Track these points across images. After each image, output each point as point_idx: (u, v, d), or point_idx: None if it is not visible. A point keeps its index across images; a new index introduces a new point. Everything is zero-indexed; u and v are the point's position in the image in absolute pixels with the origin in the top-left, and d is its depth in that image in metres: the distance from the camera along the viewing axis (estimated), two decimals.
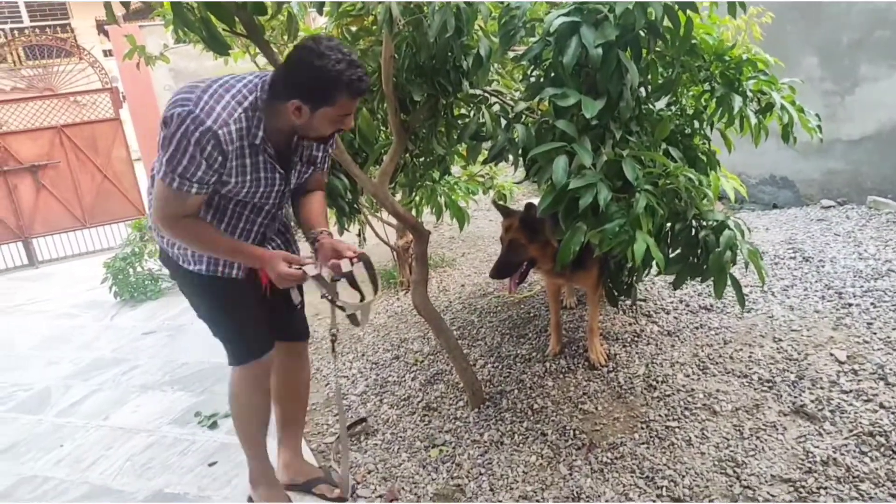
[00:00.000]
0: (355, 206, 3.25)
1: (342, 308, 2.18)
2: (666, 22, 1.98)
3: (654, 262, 2.01)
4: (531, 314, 3.58)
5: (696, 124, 2.54)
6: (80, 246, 7.73)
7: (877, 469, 2.06)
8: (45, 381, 3.90)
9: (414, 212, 3.57)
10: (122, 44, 6.71)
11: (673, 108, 2.57)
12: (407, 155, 2.91)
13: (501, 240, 2.80)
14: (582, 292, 3.47)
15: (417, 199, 3.55)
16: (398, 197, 3.55)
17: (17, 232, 7.41)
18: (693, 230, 2.20)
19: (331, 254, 2.09)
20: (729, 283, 2.15)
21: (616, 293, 2.89)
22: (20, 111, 7.48)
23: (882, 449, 2.14)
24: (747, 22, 3.22)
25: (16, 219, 7.37)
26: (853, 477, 2.06)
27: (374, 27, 2.46)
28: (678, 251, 2.27)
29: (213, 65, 7.89)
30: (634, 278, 2.83)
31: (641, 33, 2.00)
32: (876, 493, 1.98)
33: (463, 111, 2.78)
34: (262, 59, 3.62)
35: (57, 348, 4.51)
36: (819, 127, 2.56)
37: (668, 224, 2.23)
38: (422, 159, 3.01)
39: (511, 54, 2.52)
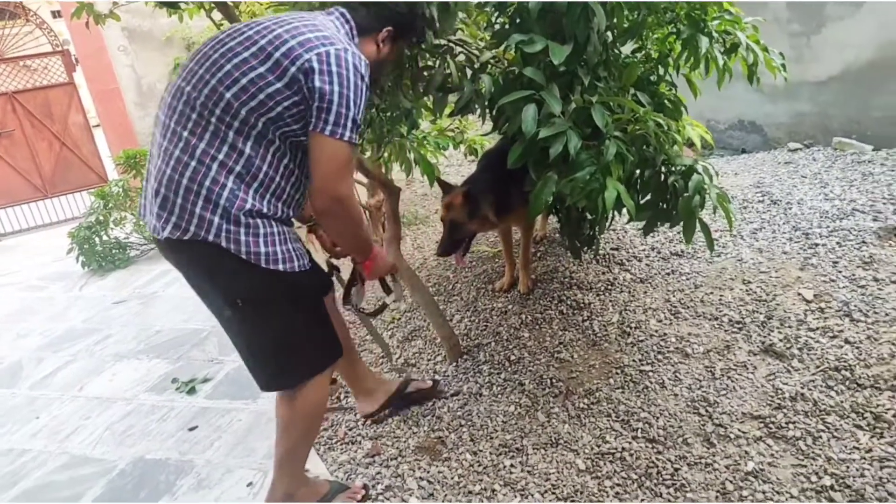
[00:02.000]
0: None
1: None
2: None
3: (623, 210, 2.00)
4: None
5: (662, 70, 2.51)
6: (43, 217, 7.52)
7: (842, 402, 2.14)
8: (15, 354, 3.83)
9: (383, 169, 3.51)
10: (71, 3, 6.41)
11: (639, 53, 2.54)
12: (373, 110, 2.85)
13: (442, 219, 2.86)
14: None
15: (386, 155, 3.49)
16: (367, 155, 3.49)
17: None
18: (662, 176, 2.20)
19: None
20: (698, 228, 2.17)
21: (578, 244, 2.90)
22: None
23: (847, 383, 2.21)
24: None
25: None
26: (820, 410, 2.13)
27: None
28: (648, 197, 2.27)
29: (168, 22, 7.60)
30: (597, 230, 2.84)
31: None
32: (841, 425, 2.06)
33: (429, 63, 2.71)
34: (217, 15, 3.47)
35: (26, 321, 4.42)
36: (783, 66, 2.55)
37: (638, 171, 2.23)
38: (388, 114, 2.94)
39: (475, 1, 2.45)
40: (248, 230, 1.72)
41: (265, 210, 1.74)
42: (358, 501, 2.15)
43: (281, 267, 1.77)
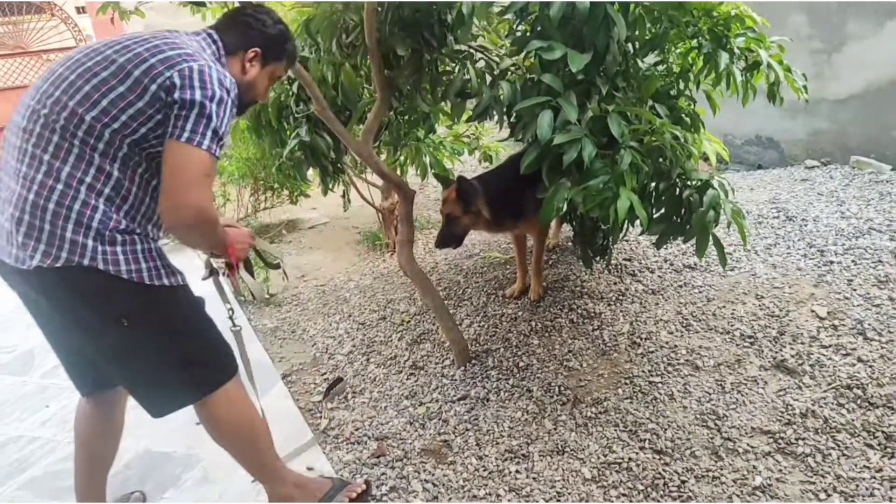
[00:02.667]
0: (339, 165, 3.21)
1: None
2: None
3: (636, 221, 2.00)
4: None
5: (682, 85, 2.51)
6: None
7: (853, 420, 2.12)
8: (27, 344, 3.86)
9: (398, 171, 3.53)
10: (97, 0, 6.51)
11: (660, 67, 2.54)
12: (391, 113, 2.87)
13: (441, 212, 2.97)
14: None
15: (402, 158, 3.52)
16: (383, 157, 3.51)
17: None
18: (677, 189, 2.19)
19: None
20: (711, 242, 2.15)
21: (591, 254, 2.90)
22: None
23: (859, 401, 2.19)
24: None
25: None
26: (830, 428, 2.11)
27: None
28: (662, 210, 2.26)
29: (190, 21, 7.68)
30: (610, 240, 2.84)
31: None
32: (851, 443, 2.04)
33: (448, 68, 2.73)
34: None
35: None
36: (805, 87, 2.54)
37: (653, 183, 2.22)
38: (406, 117, 2.96)
39: (497, 9, 2.46)
40: (124, 248, 1.67)
41: (138, 230, 1.71)
42: (357, 496, 2.14)
43: (165, 281, 1.73)
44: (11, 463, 2.65)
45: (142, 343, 1.75)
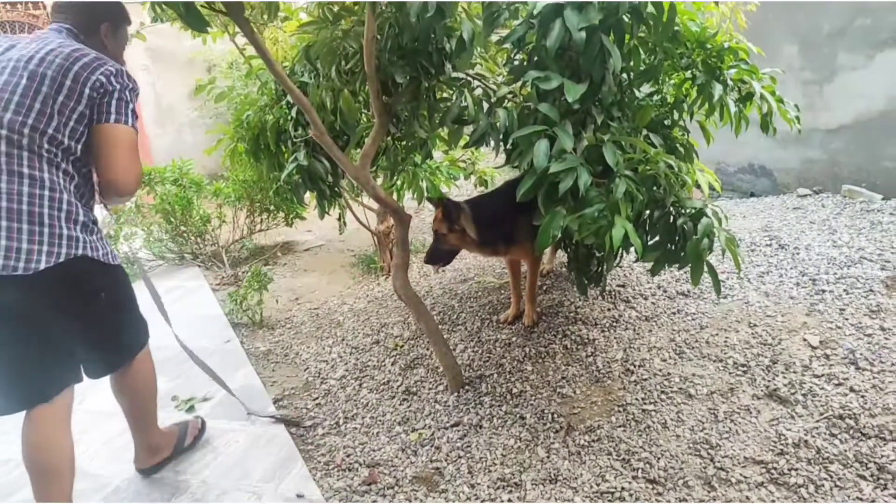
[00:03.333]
0: (336, 189, 3.22)
1: None
2: (650, 7, 1.98)
3: (630, 249, 2.02)
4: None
5: (676, 115, 2.55)
6: None
7: (846, 451, 2.11)
8: None
9: (395, 196, 3.55)
10: None
11: (655, 97, 2.58)
12: (389, 138, 2.89)
13: (432, 230, 3.08)
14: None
15: (399, 183, 3.54)
16: (379, 181, 3.53)
17: None
18: (671, 217, 2.22)
19: None
20: (706, 269, 2.17)
21: (585, 281, 2.91)
22: None
23: (851, 431, 2.19)
24: (732, 9, 3.23)
25: None
26: (823, 458, 2.10)
27: (357, 7, 2.42)
28: (656, 238, 2.28)
29: (191, 44, 7.75)
30: (604, 267, 2.86)
31: (625, 17, 2.00)
32: (844, 474, 2.03)
33: (445, 95, 2.77)
34: (241, 39, 3.56)
35: None
36: (798, 118, 2.58)
37: (647, 211, 2.25)
38: (403, 143, 2.99)
39: (495, 37, 2.51)
40: (97, 236, 2.07)
41: (94, 218, 2.10)
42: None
43: (117, 262, 2.16)
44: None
45: (111, 310, 2.19)
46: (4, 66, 1.95)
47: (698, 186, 2.51)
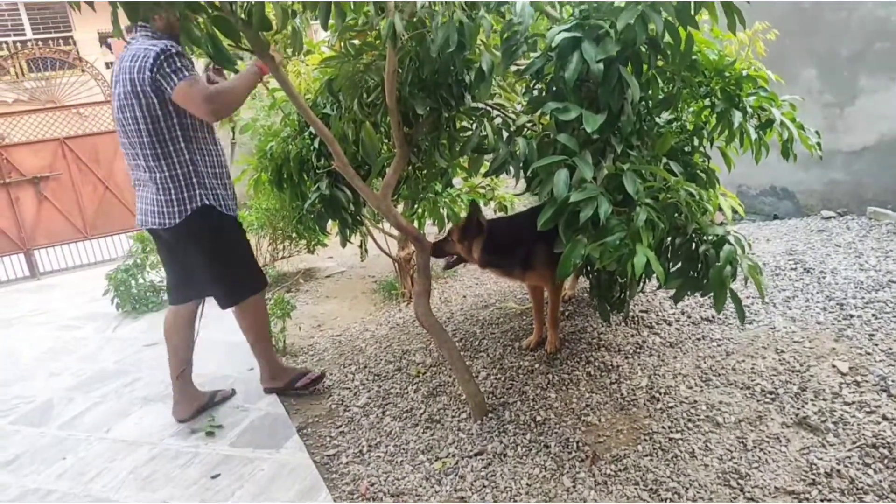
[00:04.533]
0: (358, 217, 3.26)
1: None
2: (667, 38, 2.00)
3: (653, 276, 2.02)
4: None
5: (696, 142, 2.55)
6: (82, 257, 7.75)
7: (881, 481, 2.07)
8: (47, 393, 3.90)
9: (416, 223, 3.58)
10: None
11: (674, 124, 2.59)
12: (410, 167, 2.93)
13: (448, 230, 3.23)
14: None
15: (420, 210, 3.57)
16: (400, 208, 3.56)
17: (19, 244, 7.43)
18: (693, 244, 2.21)
19: None
20: (729, 296, 2.16)
21: (608, 307, 2.90)
22: (23, 123, 7.53)
23: (886, 461, 2.14)
24: (751, 37, 3.24)
25: (18, 230, 7.39)
26: (857, 489, 2.06)
27: (378, 42, 2.48)
28: (678, 265, 2.27)
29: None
30: (627, 293, 2.85)
31: (642, 48, 2.02)
32: None
33: (465, 124, 2.80)
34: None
35: (59, 360, 4.51)
36: (819, 144, 2.57)
37: (669, 238, 2.24)
38: (424, 172, 3.03)
39: (513, 68, 2.54)
40: (213, 192, 2.97)
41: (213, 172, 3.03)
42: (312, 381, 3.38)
43: (228, 212, 3.04)
44: None
45: (227, 260, 3.07)
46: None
47: (721, 211, 2.51)
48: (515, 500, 2.29)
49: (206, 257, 3.01)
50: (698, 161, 2.52)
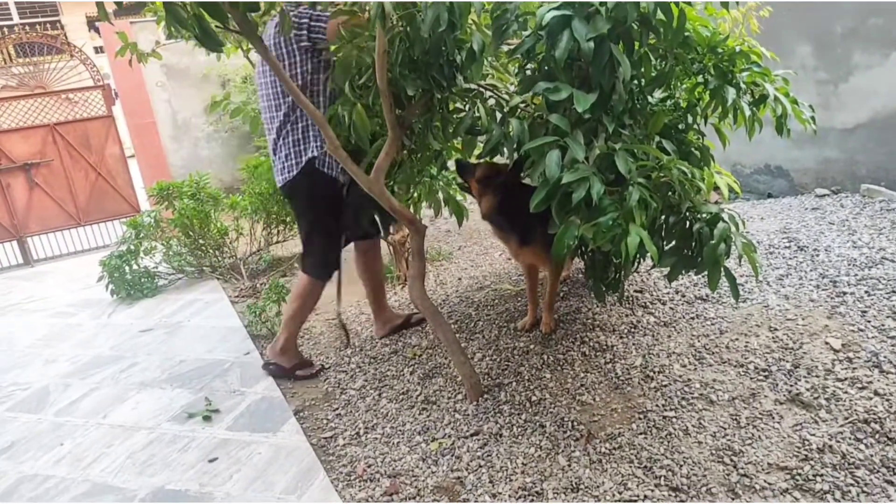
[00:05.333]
0: None
1: None
2: (659, 14, 1.98)
3: (647, 255, 2.02)
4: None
5: (690, 119, 2.54)
6: (75, 244, 7.70)
7: (872, 456, 2.09)
8: (43, 380, 3.90)
9: (412, 208, 3.56)
10: (114, 41, 6.65)
11: (668, 102, 2.57)
12: (404, 152, 2.91)
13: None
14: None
15: (416, 195, 3.55)
16: (395, 191, 3.54)
17: (11, 231, 7.38)
18: (687, 223, 2.21)
19: None
20: (723, 275, 2.16)
21: (603, 287, 2.90)
22: (12, 109, 7.43)
23: (877, 436, 2.16)
24: (745, 14, 3.22)
25: (10, 217, 7.33)
26: (849, 464, 2.08)
27: (369, 23, 2.45)
28: (672, 244, 2.27)
29: (205, 60, 7.87)
30: (622, 273, 2.85)
31: (634, 26, 2.00)
32: (871, 480, 2.01)
33: (458, 105, 2.78)
34: (255, 56, 3.60)
35: (55, 346, 4.50)
36: (813, 118, 2.56)
37: (663, 217, 2.24)
38: (418, 155, 3.01)
39: (506, 48, 2.52)
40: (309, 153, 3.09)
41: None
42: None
43: (328, 171, 3.11)
44: (26, 502, 2.66)
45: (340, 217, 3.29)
46: None
47: (717, 189, 2.50)
48: (511, 480, 2.31)
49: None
50: (692, 139, 2.51)
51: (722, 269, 2.13)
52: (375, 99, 2.51)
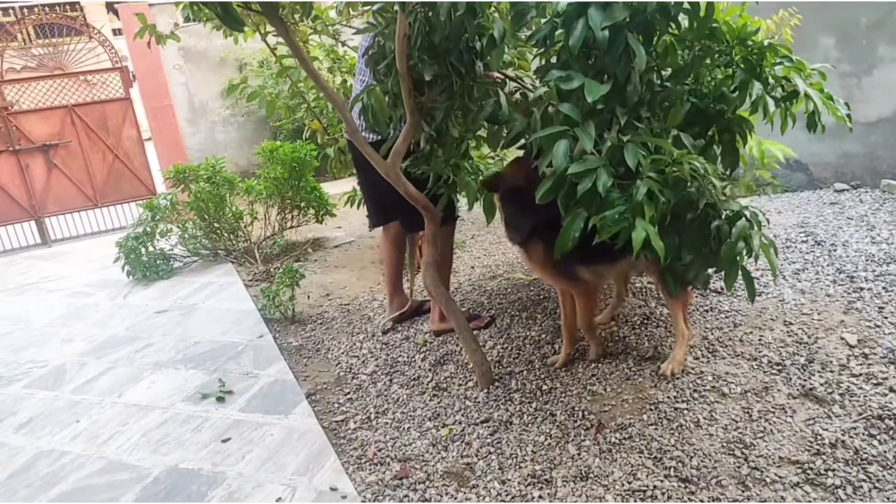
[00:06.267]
0: None
1: None
2: (684, 5, 1.95)
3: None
4: (541, 296, 3.60)
5: (724, 106, 2.46)
6: (92, 225, 7.78)
7: (885, 452, 2.08)
8: (60, 358, 3.96)
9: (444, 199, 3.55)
10: (132, 22, 6.68)
11: (697, 92, 2.49)
12: (426, 143, 2.90)
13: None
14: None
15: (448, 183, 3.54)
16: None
17: (30, 211, 7.46)
18: (707, 220, 2.16)
19: None
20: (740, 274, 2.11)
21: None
22: (31, 90, 7.49)
23: (891, 432, 2.15)
24: (778, 24, 3.17)
25: (28, 198, 7.42)
26: (861, 459, 2.07)
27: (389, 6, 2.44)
28: (690, 241, 2.20)
29: (222, 44, 7.88)
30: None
31: (655, 16, 1.97)
32: (884, 476, 2.00)
33: (475, 95, 2.75)
34: (272, 38, 3.60)
35: (71, 326, 4.57)
36: (849, 116, 2.48)
37: (680, 213, 2.19)
38: (443, 142, 2.98)
39: (524, 36, 2.50)
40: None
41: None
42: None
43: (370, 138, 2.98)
44: (42, 477, 2.71)
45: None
46: None
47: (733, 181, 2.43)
48: (521, 467, 2.32)
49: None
50: (730, 116, 2.40)
51: (739, 268, 2.08)
52: (395, 84, 2.51)
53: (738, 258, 2.04)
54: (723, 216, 2.13)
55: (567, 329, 2.84)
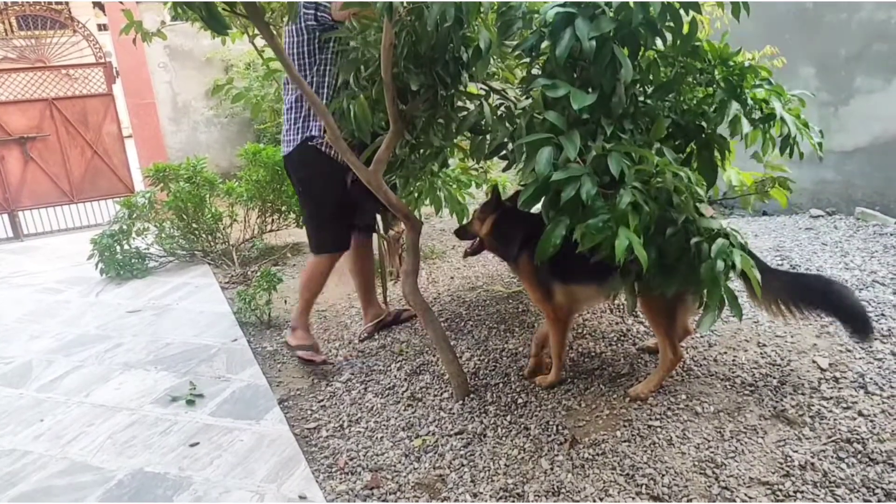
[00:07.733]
0: None
1: None
2: (668, 21, 1.97)
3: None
4: (520, 309, 3.60)
5: (704, 123, 2.49)
6: (67, 221, 7.64)
7: (853, 475, 2.10)
8: (27, 355, 3.87)
9: (413, 206, 3.55)
10: (118, 18, 6.60)
11: (678, 108, 2.52)
12: (405, 148, 2.90)
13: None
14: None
15: (417, 192, 3.55)
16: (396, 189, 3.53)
17: (2, 204, 7.31)
18: (685, 236, 2.16)
19: None
20: (724, 295, 2.08)
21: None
22: (10, 82, 7.37)
23: (859, 456, 2.17)
24: (762, 58, 3.23)
25: (2, 191, 7.27)
26: (829, 482, 2.09)
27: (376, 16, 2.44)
28: (668, 256, 2.21)
29: (209, 44, 7.83)
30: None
31: (640, 30, 1.99)
32: (851, 499, 2.01)
33: (459, 104, 2.77)
34: (259, 41, 3.58)
35: (40, 322, 4.46)
36: (820, 144, 2.53)
37: (660, 227, 2.20)
38: (420, 151, 3.00)
39: (510, 47, 2.51)
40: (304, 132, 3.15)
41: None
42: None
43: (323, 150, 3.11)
44: (2, 477, 2.63)
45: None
46: None
47: (712, 203, 2.46)
48: (493, 480, 2.31)
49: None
50: (711, 134, 2.43)
51: (721, 288, 2.06)
52: (379, 92, 2.50)
53: (718, 277, 2.03)
54: (701, 234, 2.14)
55: (555, 351, 2.77)
